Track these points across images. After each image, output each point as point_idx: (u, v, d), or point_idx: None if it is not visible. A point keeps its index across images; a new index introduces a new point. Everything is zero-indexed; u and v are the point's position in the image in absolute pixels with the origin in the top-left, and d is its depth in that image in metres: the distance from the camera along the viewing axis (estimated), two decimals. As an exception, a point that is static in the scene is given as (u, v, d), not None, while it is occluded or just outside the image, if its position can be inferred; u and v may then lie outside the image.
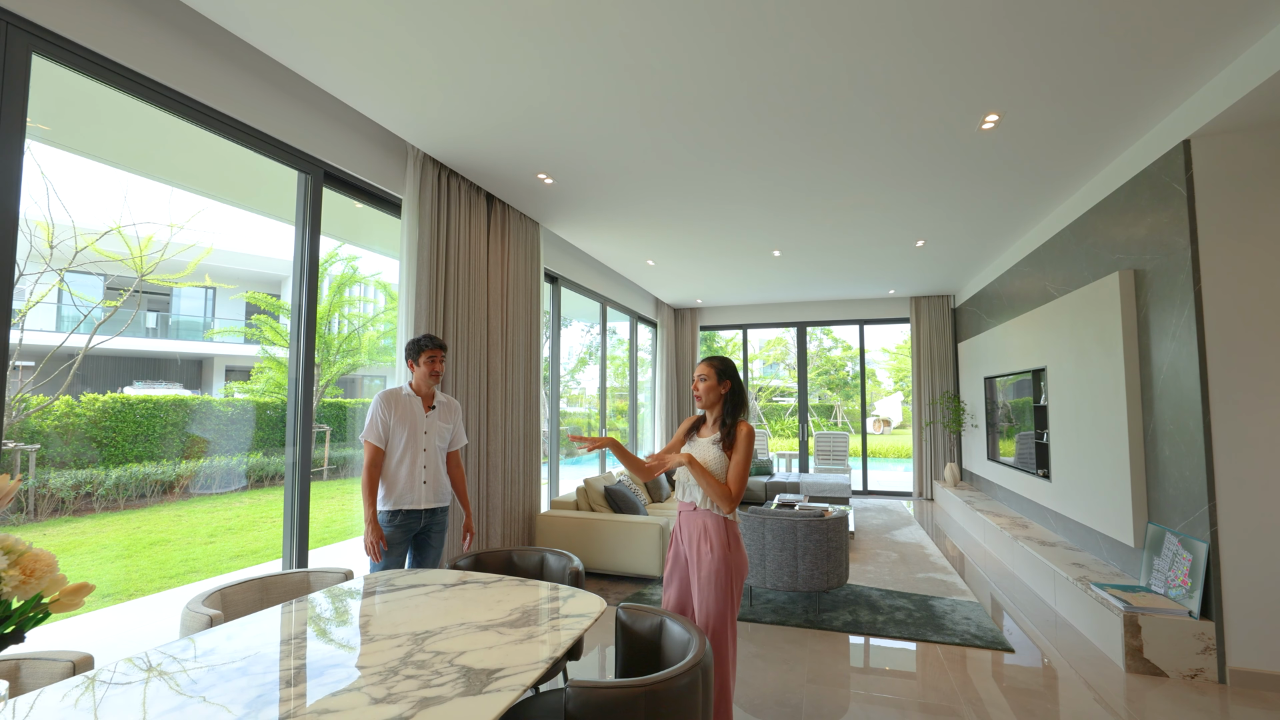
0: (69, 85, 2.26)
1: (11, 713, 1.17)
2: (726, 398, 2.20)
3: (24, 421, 5.80)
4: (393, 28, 2.40)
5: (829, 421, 19.63)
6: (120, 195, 7.94)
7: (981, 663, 3.01)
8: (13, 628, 0.89)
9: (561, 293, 5.97)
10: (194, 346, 10.26)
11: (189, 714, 1.17)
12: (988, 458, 6.38)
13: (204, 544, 5.73)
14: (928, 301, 8.20)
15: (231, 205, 4.72)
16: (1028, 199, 4.40)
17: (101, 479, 6.03)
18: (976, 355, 6.86)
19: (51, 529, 5.43)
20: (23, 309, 6.45)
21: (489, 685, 1.30)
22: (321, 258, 10.16)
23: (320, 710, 1.19)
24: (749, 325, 9.54)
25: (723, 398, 2.21)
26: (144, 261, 7.18)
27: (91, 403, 6.35)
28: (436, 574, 2.15)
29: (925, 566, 4.69)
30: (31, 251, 6.32)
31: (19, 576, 0.88)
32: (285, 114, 2.79)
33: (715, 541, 2.10)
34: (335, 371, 10.19)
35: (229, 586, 1.94)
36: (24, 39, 1.92)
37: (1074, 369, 4.19)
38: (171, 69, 2.30)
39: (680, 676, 1.38)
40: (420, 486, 2.70)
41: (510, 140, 3.43)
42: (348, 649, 1.52)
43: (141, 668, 1.38)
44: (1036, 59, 2.60)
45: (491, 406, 4.22)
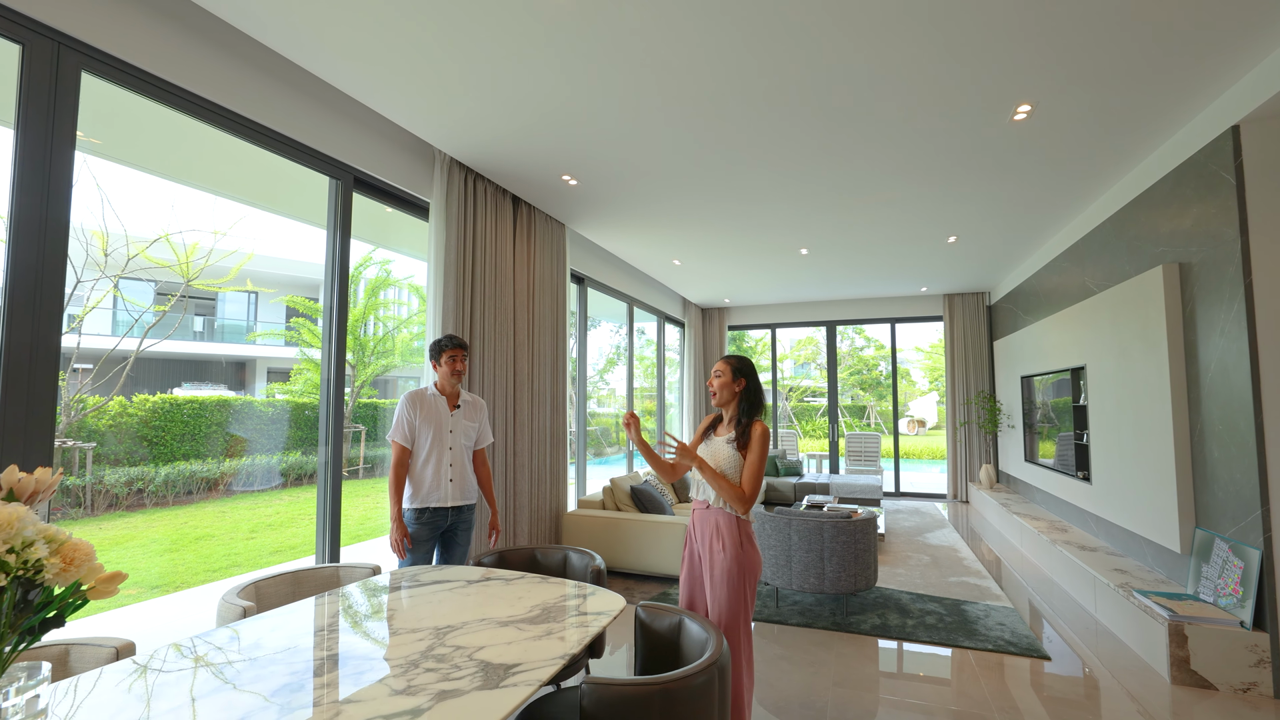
0: (118, 100, 2.37)
1: (74, 690, 1.24)
2: (742, 396, 2.19)
3: (82, 420, 6.12)
4: (422, 38, 2.46)
5: (862, 422, 19.28)
6: (168, 204, 8.30)
7: (1016, 670, 2.91)
8: (54, 612, 0.94)
9: (588, 293, 6.01)
10: (238, 349, 10.67)
11: (226, 699, 1.22)
12: (1025, 459, 6.17)
13: (245, 539, 5.95)
14: (961, 299, 7.98)
15: (270, 212, 4.88)
16: (1064, 192, 4.24)
17: (152, 476, 6.32)
18: (1013, 353, 6.65)
19: (107, 523, 5.71)
20: (80, 314, 6.84)
21: (506, 680, 1.32)
22: (356, 262, 10.39)
23: (345, 700, 1.22)
24: (778, 325, 9.44)
25: (737, 395, 2.20)
26: (189, 268, 7.51)
27: (142, 403, 6.66)
28: (460, 570, 2.19)
29: (958, 570, 4.57)
30: (88, 259, 6.67)
31: (59, 564, 0.93)
32: (317, 122, 2.88)
33: (728, 540, 2.09)
34: (370, 373, 10.46)
35: (263, 579, 2.02)
36: (75, 58, 2.03)
37: (1115, 367, 4.02)
38: (211, 82, 2.40)
39: (696, 675, 1.38)
40: (446, 484, 2.75)
41: (534, 143, 3.47)
42: (372, 642, 1.57)
43: (187, 655, 1.45)
44: (1069, 45, 2.50)
45: (518, 406, 4.28)
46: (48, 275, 1.96)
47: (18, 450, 1.86)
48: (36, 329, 1.93)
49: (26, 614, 0.93)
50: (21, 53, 1.91)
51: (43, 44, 1.94)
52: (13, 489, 0.99)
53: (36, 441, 1.91)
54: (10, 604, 0.91)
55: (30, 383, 1.90)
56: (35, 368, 1.92)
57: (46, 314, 1.95)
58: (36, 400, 1.92)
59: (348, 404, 9.45)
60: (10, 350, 1.87)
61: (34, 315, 1.92)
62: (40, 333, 1.93)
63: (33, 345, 1.92)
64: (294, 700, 1.22)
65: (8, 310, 1.87)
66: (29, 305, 1.91)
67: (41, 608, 0.94)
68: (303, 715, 1.16)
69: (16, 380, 1.87)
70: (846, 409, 19.86)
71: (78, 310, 6.37)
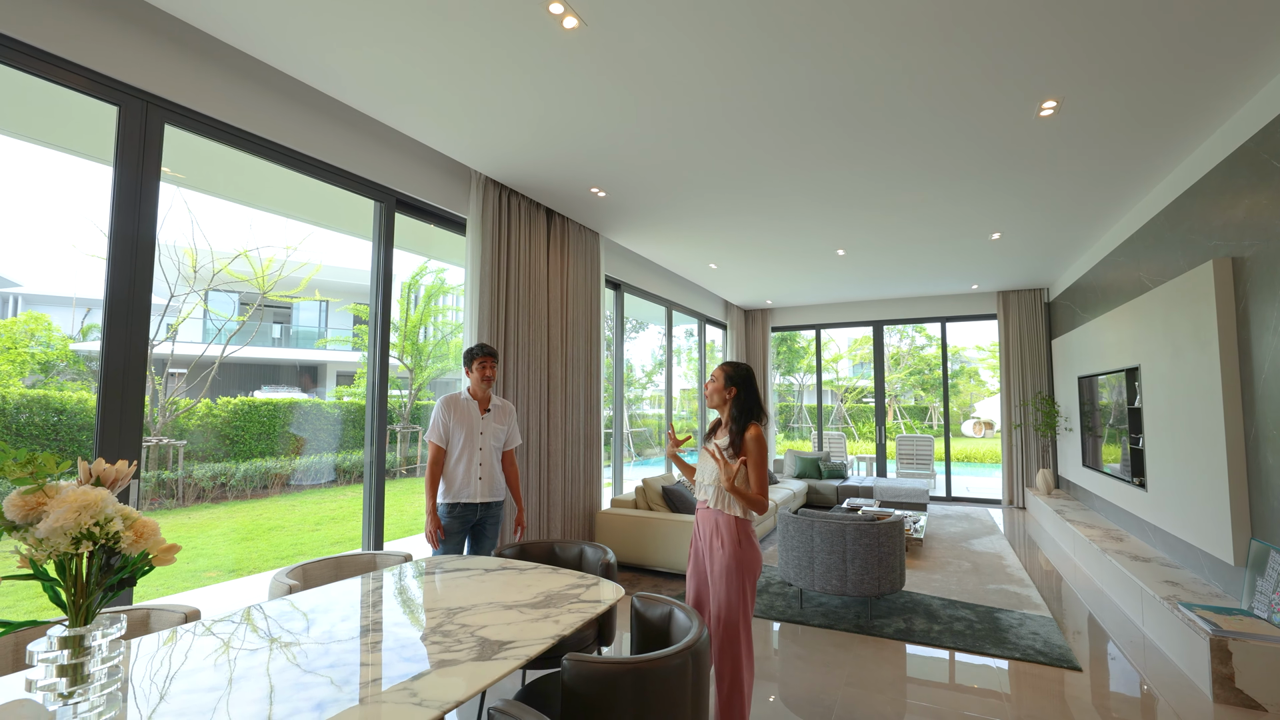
0: (199, 141, 2.73)
1: (174, 642, 1.50)
2: (733, 402, 2.28)
3: (175, 420, 6.83)
4: (456, 74, 2.69)
5: (923, 424, 18.59)
6: (247, 225, 9.08)
7: (1041, 680, 2.84)
8: (129, 574, 1.18)
9: (626, 299, 6.18)
10: (310, 354, 11.49)
11: (271, 655, 1.45)
12: (1083, 464, 5.87)
13: (311, 531, 6.46)
14: (1017, 296, 7.64)
15: (332, 230, 5.28)
16: (1108, 185, 4.06)
17: (232, 471, 6.97)
18: (1070, 352, 6.33)
19: (194, 513, 6.35)
20: (174, 324, 7.62)
21: (498, 654, 1.48)
22: (413, 271, 10.89)
23: (359, 664, 1.42)
24: (822, 325, 9.31)
25: (728, 401, 2.29)
26: (265, 280, 8.21)
27: (225, 405, 7.33)
28: (481, 560, 2.39)
29: (1000, 578, 4.43)
30: (179, 275, 7.41)
31: (132, 537, 1.16)
32: (362, 152, 3.17)
33: (726, 538, 2.19)
34: (426, 376, 11.04)
35: (309, 563, 2.28)
36: (159, 114, 2.36)
37: (1168, 367, 3.81)
38: (271, 124, 2.71)
39: (670, 658, 1.50)
40: (476, 482, 2.97)
41: (561, 160, 3.66)
42: (390, 617, 1.77)
43: (234, 621, 1.70)
44: (1093, 38, 2.44)
45: (552, 409, 4.49)
46: (138, 289, 2.29)
47: (114, 442, 2.19)
48: (130, 337, 2.26)
49: (109, 575, 1.17)
50: (118, 113, 2.25)
51: (134, 104, 2.28)
52: (99, 476, 1.23)
53: (129, 435, 2.24)
54: (97, 566, 1.15)
55: (124, 384, 2.24)
56: (129, 371, 2.25)
57: (137, 323, 2.29)
58: (129, 399, 2.25)
59: (405, 405, 10.03)
60: (109, 356, 2.21)
61: (127, 325, 2.26)
62: (133, 340, 2.27)
63: (127, 351, 2.25)
64: (316, 661, 1.43)
65: (107, 320, 2.21)
66: (123, 316, 2.25)
67: (119, 570, 1.17)
68: (323, 671, 1.36)
69: (113, 382, 2.21)
70: (908, 410, 19.19)
71: (171, 320, 7.12)
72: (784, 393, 18.43)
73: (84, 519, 1.07)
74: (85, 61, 2.13)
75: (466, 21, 2.33)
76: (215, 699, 1.24)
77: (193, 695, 1.26)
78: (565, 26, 2.35)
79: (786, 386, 18.57)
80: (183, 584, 4.80)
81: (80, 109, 2.34)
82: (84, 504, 1.08)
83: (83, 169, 2.36)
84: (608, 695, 1.45)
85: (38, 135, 2.68)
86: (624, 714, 1.44)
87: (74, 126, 2.56)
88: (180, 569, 5.08)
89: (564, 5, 2.24)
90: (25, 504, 1.08)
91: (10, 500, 1.08)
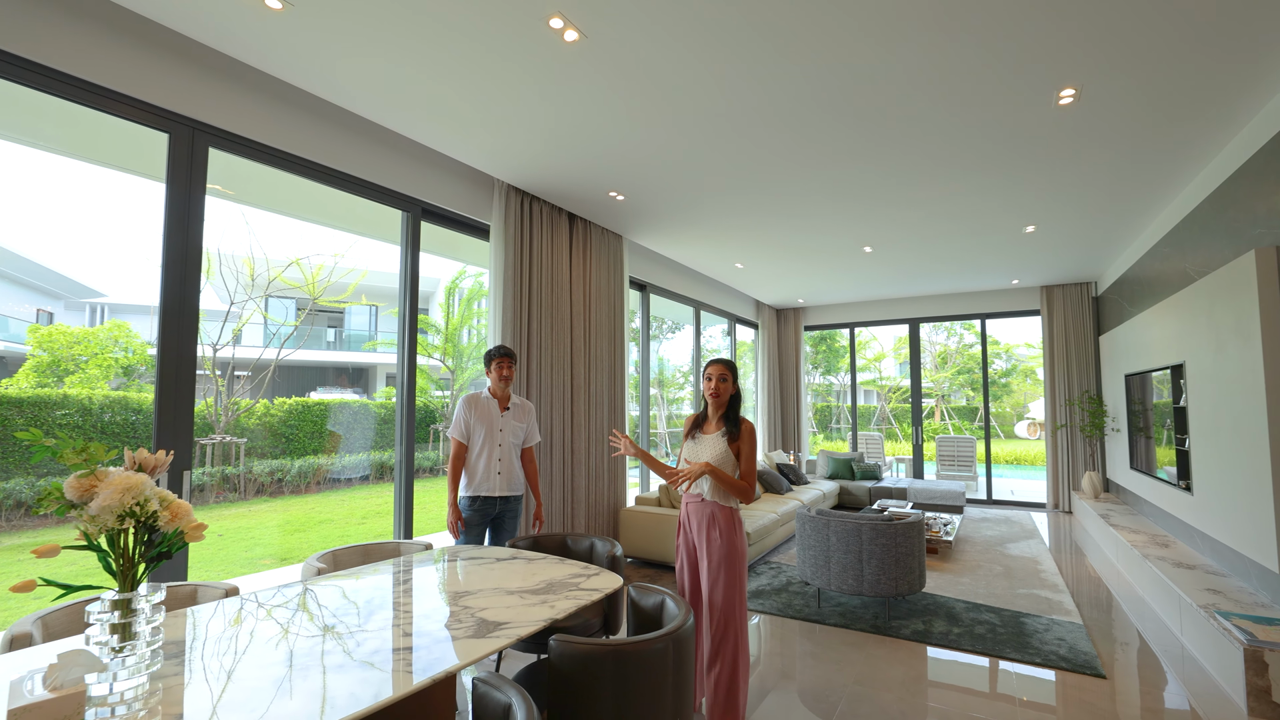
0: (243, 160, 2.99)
1: (220, 610, 1.70)
2: (733, 398, 2.37)
3: (236, 419, 7.33)
4: (476, 89, 2.86)
5: (973, 425, 17.94)
6: (298, 235, 9.63)
7: (1061, 687, 2.78)
8: (166, 548, 1.36)
9: (652, 299, 6.27)
10: (360, 356, 12.07)
11: (292, 619, 1.62)
12: (1130, 466, 5.61)
13: (358, 524, 6.83)
14: (1061, 290, 7.33)
15: (374, 239, 5.58)
16: (1142, 173, 3.88)
17: (288, 467, 7.43)
18: (1116, 349, 6.05)
19: (254, 506, 6.82)
20: (235, 329, 8.17)
21: (492, 633, 1.61)
22: (453, 275, 11.31)
23: (363, 641, 1.57)
24: (856, 324, 9.16)
25: (731, 397, 2.37)
26: (315, 286, 8.70)
27: (281, 405, 7.81)
28: (493, 550, 2.54)
29: (1032, 583, 4.30)
30: (238, 284, 7.93)
31: (168, 516, 1.34)
32: (390, 165, 3.38)
33: (723, 528, 2.26)
34: (466, 377, 11.43)
35: (339, 549, 2.48)
36: (204, 139, 2.61)
37: (1211, 363, 3.63)
38: (305, 143, 2.95)
39: (650, 642, 1.59)
40: (495, 477, 3.13)
41: (579, 166, 3.79)
42: (401, 599, 1.93)
43: (262, 602, 1.89)
44: (1108, 23, 2.37)
45: (575, 408, 4.63)
46: (187, 296, 2.54)
47: (169, 434, 2.44)
48: (180, 341, 2.51)
49: (150, 549, 1.36)
50: (169, 139, 2.51)
51: (182, 130, 2.53)
52: (141, 463, 1.42)
53: (182, 428, 2.49)
54: (140, 541, 1.33)
55: (176, 384, 2.49)
56: (180, 372, 2.50)
57: (187, 327, 2.53)
58: (181, 397, 2.50)
59: (447, 405, 10.42)
60: (164, 357, 2.46)
61: (179, 328, 2.50)
62: (183, 344, 2.52)
63: (178, 352, 2.50)
64: (327, 628, 1.59)
65: (161, 324, 2.46)
66: (175, 320, 2.49)
67: (158, 545, 1.36)
68: (332, 636, 1.52)
69: (167, 382, 2.46)
70: (957, 410, 18.55)
71: (233, 325, 7.66)
72: (823, 392, 18.12)
73: (126, 499, 1.25)
74: (139, 94, 2.38)
75: (479, 38, 2.48)
76: (244, 644, 1.41)
77: (223, 642, 1.44)
78: (566, 40, 2.47)
79: (826, 386, 18.26)
80: (240, 569, 5.19)
81: (141, 136, 2.61)
82: (127, 486, 1.26)
83: (149, 188, 2.63)
84: (590, 674, 1.55)
85: (111, 161, 2.98)
86: (605, 692, 1.54)
87: (139, 151, 2.85)
88: (238, 555, 5.48)
89: (564, 20, 2.36)
90: (80, 486, 1.26)
91: (69, 482, 1.27)
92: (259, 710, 1.18)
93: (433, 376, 11.55)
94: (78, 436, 5.33)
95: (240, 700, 1.23)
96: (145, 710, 1.18)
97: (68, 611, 1.76)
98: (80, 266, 8.58)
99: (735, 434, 2.30)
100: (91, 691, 1.16)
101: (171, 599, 1.96)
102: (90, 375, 6.58)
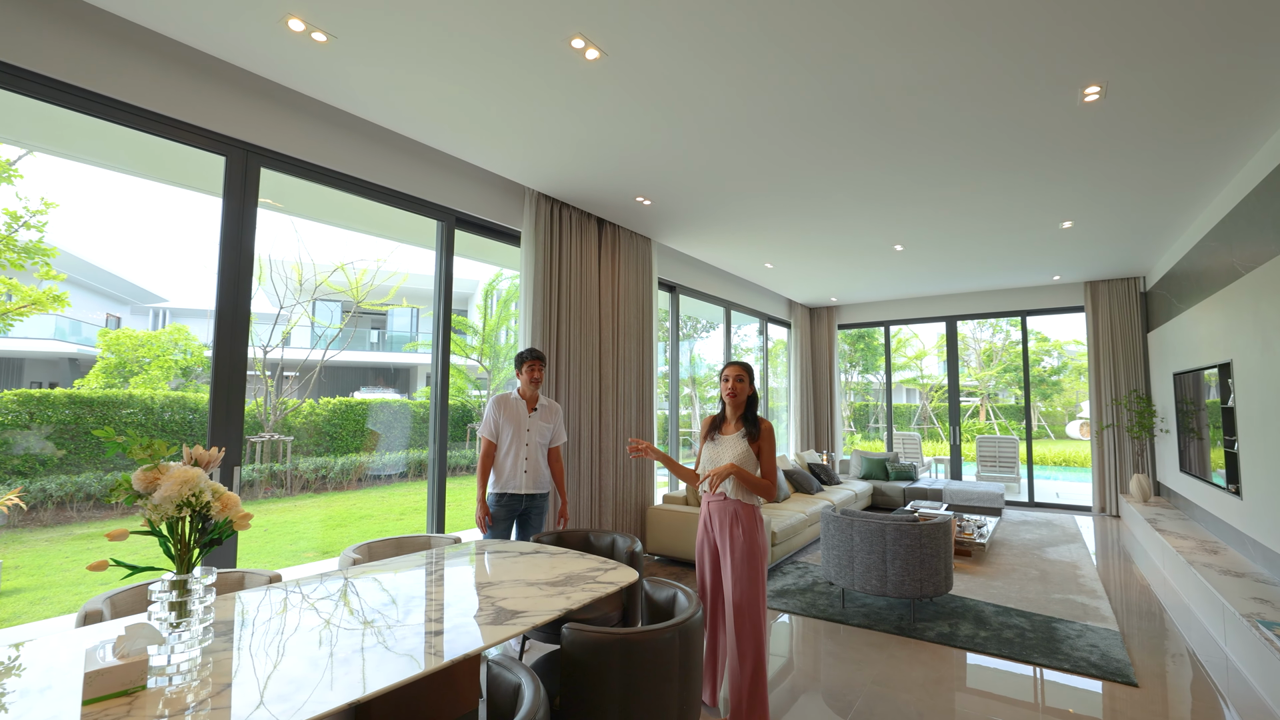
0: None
1: (265, 595, 1.86)
2: (750, 398, 2.42)
3: (284, 418, 7.73)
4: (507, 103, 2.99)
5: (1020, 425, 17.33)
6: (343, 242, 10.03)
7: (1088, 695, 2.72)
8: (217, 535, 1.51)
9: (682, 300, 6.32)
10: (401, 357, 12.49)
11: (331, 604, 1.76)
12: (1180, 469, 5.37)
13: (396, 519, 7.11)
14: (1107, 286, 7.05)
15: (413, 245, 5.80)
16: (1181, 165, 3.73)
17: (332, 465, 7.79)
18: (1165, 347, 5.80)
19: (300, 501, 7.17)
20: (285, 331, 8.58)
21: (508, 620, 1.71)
22: (490, 278, 11.59)
23: (393, 624, 1.70)
24: (892, 322, 9.00)
25: (749, 398, 2.43)
26: (359, 290, 9.07)
27: (325, 404, 8.18)
28: (518, 544, 2.66)
29: (1069, 588, 4.19)
30: (286, 289, 8.34)
31: (219, 507, 1.49)
32: (424, 177, 3.55)
33: (746, 525, 2.33)
34: (503, 377, 11.70)
35: (374, 541, 2.64)
36: (257, 160, 2.82)
37: (1259, 362, 3.48)
38: (344, 160, 3.13)
39: (658, 632, 1.67)
40: (521, 475, 3.25)
41: (605, 173, 3.89)
42: (427, 588, 2.06)
43: (297, 590, 2.05)
44: (1128, 21, 2.33)
45: (603, 408, 4.73)
46: (240, 301, 2.74)
47: (223, 431, 2.65)
48: (233, 344, 2.72)
49: (204, 536, 1.51)
50: (225, 162, 2.72)
51: (236, 153, 2.74)
52: (196, 459, 1.58)
53: (234, 425, 2.70)
54: (195, 528, 1.49)
55: (229, 384, 2.69)
56: (232, 373, 2.71)
57: (239, 332, 2.74)
58: (233, 397, 2.70)
59: (482, 404, 10.69)
60: (218, 361, 2.67)
61: (231, 334, 2.71)
62: (235, 347, 2.72)
63: (231, 353, 2.71)
64: (358, 612, 1.72)
65: (217, 331, 2.67)
66: (229, 326, 2.70)
67: (210, 533, 1.51)
68: (361, 619, 1.65)
69: (220, 382, 2.67)
70: (1003, 410, 17.97)
71: (282, 328, 8.07)
72: (861, 391, 17.81)
73: (184, 491, 1.41)
74: (200, 122, 2.59)
75: (508, 58, 2.59)
76: (285, 625, 1.56)
77: (267, 623, 1.58)
78: (588, 58, 2.57)
79: (865, 384, 17.94)
80: (285, 560, 5.50)
81: (201, 157, 2.83)
82: (184, 479, 1.42)
83: (206, 202, 2.85)
84: (600, 662, 1.64)
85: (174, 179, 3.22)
86: (613, 679, 1.63)
87: (199, 170, 3.07)
88: (283, 548, 5.80)
89: (584, 40, 2.45)
90: (146, 478, 1.42)
91: (136, 475, 1.43)
92: (299, 681, 1.31)
93: (470, 376, 11.87)
94: (142, 434, 5.75)
95: (282, 673, 1.36)
96: (198, 679, 1.32)
97: (132, 593, 1.95)
98: (145, 273, 9.19)
99: (755, 434, 2.36)
100: (152, 661, 1.31)
101: (222, 584, 2.14)
102: (152, 376, 7.06)
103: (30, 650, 1.48)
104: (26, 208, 4.53)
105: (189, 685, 1.30)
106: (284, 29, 2.40)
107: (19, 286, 4.85)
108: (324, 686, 1.29)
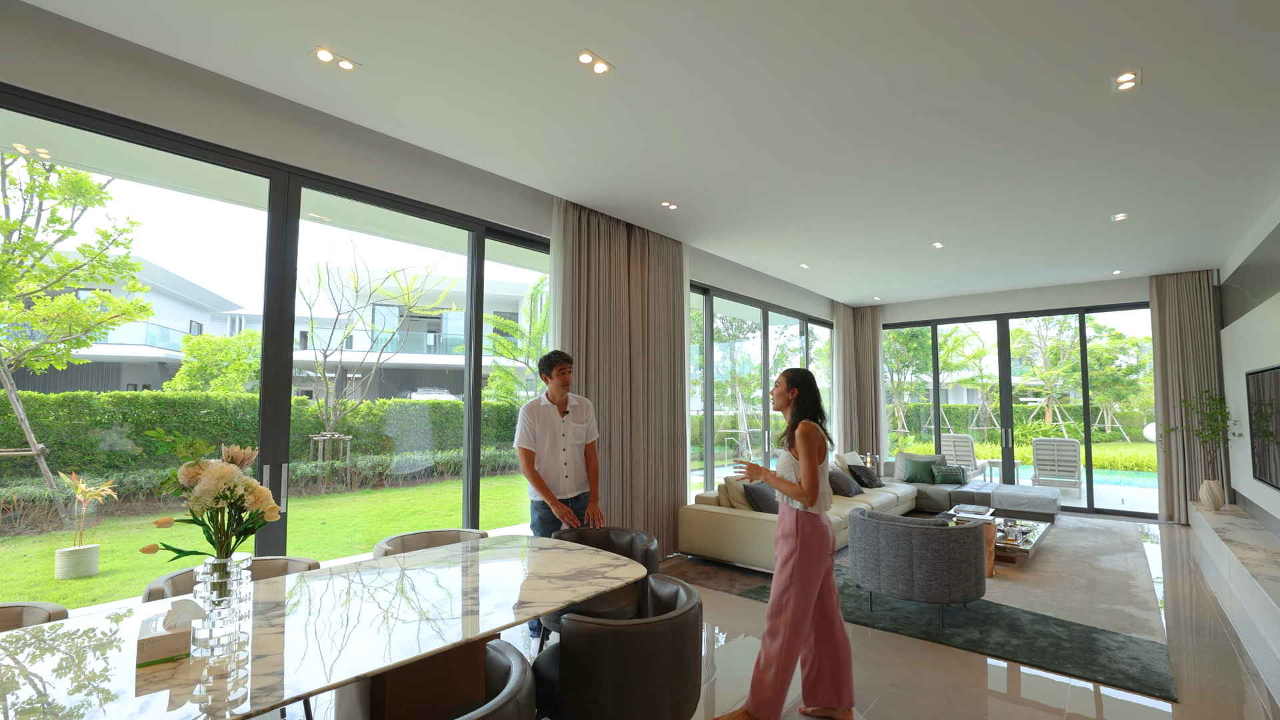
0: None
1: (303, 580, 2.07)
2: (794, 404, 2.47)
3: (344, 418, 8.22)
4: (530, 116, 3.14)
5: (1094, 427, 16.35)
6: (394, 251, 10.55)
7: (1121, 708, 2.61)
8: (251, 524, 1.70)
9: (716, 302, 6.33)
10: (452, 359, 12.99)
11: (355, 588, 1.94)
12: (1254, 475, 4.98)
13: (445, 515, 7.44)
14: (1175, 280, 6.58)
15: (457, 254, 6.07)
16: (1237, 154, 3.49)
17: (388, 463, 8.22)
18: (1237, 344, 5.39)
19: (358, 497, 7.62)
20: (344, 334, 9.10)
21: (514, 610, 1.83)
22: (535, 282, 11.93)
23: (414, 609, 1.85)
24: (938, 320, 8.70)
25: (790, 403, 2.48)
26: (410, 296, 9.52)
27: (382, 405, 8.64)
28: (538, 540, 2.79)
29: (1118, 599, 3.97)
30: (343, 295, 8.83)
31: (253, 499, 1.68)
32: (454, 190, 3.74)
33: (788, 529, 2.41)
34: (547, 379, 11.95)
35: (408, 534, 2.83)
36: (298, 181, 3.07)
37: (1331, 362, 3.21)
38: (379, 177, 3.36)
39: (650, 625, 1.75)
40: (563, 480, 3.35)
41: (629, 180, 3.98)
42: (449, 579, 2.21)
43: (343, 570, 2.24)
44: (1157, 5, 2.23)
45: (634, 410, 4.83)
46: (284, 311, 3.00)
47: (270, 430, 2.90)
48: (280, 349, 2.97)
49: (239, 525, 1.70)
50: (269, 184, 2.98)
51: (280, 175, 3.00)
52: (233, 456, 1.78)
53: (281, 425, 2.94)
54: (232, 518, 1.68)
55: (276, 385, 2.95)
56: (279, 375, 2.96)
57: (285, 338, 2.99)
58: (280, 397, 2.96)
59: (527, 406, 11.01)
60: (266, 364, 2.93)
61: (278, 340, 2.96)
62: (282, 352, 2.97)
63: (278, 358, 2.96)
64: (380, 597, 1.88)
65: (264, 337, 2.93)
66: (275, 332, 2.95)
67: (245, 523, 1.70)
68: (383, 602, 1.81)
69: (269, 384, 2.92)
70: (1072, 411, 16.98)
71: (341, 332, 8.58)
72: (916, 391, 17.20)
73: (220, 485, 1.59)
74: (246, 148, 2.85)
75: (525, 73, 2.71)
76: (317, 606, 1.73)
77: (303, 604, 1.76)
78: (596, 72, 2.67)
79: (919, 385, 17.33)
80: (340, 551, 5.88)
81: (252, 179, 3.10)
82: (220, 475, 1.60)
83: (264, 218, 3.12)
84: (594, 651, 1.74)
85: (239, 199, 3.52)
86: (607, 667, 1.72)
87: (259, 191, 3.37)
88: (338, 540, 6.20)
89: (592, 55, 2.56)
90: (189, 473, 1.62)
91: (181, 471, 1.63)
92: (325, 652, 1.47)
93: (518, 378, 12.22)
94: (216, 433, 6.27)
95: (312, 648, 1.52)
96: (234, 650, 1.50)
97: (190, 574, 2.19)
98: (222, 282, 9.97)
99: (792, 441, 2.42)
100: (196, 634, 1.50)
101: (267, 569, 2.36)
102: (229, 379, 7.66)
103: (107, 623, 1.71)
104: (115, 226, 5.06)
105: (230, 655, 1.48)
106: (314, 60, 2.62)
107: (111, 298, 5.40)
108: (327, 660, 1.44)
